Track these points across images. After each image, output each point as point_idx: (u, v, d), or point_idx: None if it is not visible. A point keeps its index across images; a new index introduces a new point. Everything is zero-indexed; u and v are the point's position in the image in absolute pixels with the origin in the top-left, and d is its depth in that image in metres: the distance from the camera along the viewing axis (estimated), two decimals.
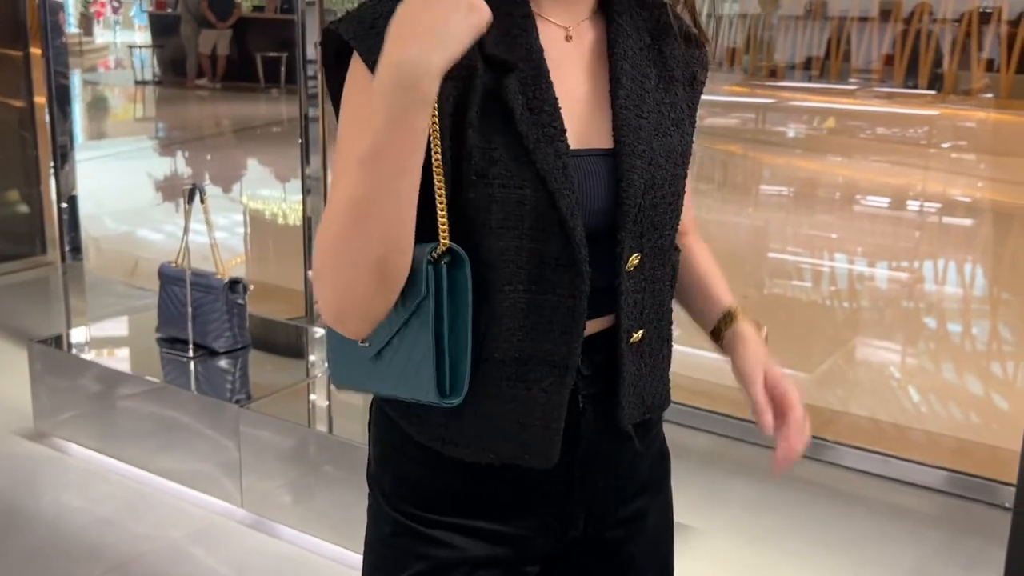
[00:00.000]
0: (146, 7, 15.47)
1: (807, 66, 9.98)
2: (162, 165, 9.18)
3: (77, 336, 3.72)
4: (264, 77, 12.98)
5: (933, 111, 8.86)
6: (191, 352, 3.19)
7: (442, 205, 1.00)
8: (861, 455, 3.26)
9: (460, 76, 0.99)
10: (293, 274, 4.35)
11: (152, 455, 3.09)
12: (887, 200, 7.11)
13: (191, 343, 3.19)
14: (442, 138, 0.99)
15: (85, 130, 10.58)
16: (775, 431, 1.14)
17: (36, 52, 5.32)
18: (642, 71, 1.10)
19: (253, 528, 2.87)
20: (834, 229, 6.49)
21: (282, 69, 12.31)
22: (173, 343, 3.26)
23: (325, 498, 2.76)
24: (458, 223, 1.01)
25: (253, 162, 9.42)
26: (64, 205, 5.37)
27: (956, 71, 8.72)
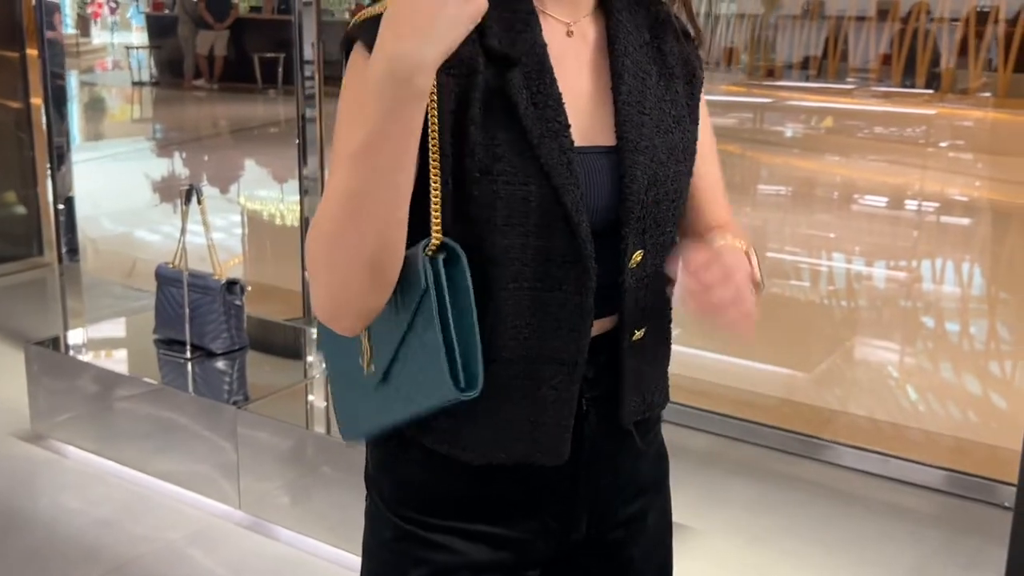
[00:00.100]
0: (143, 8, 15.48)
1: (805, 65, 9.99)
2: (159, 166, 9.17)
3: (74, 338, 3.71)
4: (261, 78, 13.00)
5: (931, 110, 8.87)
6: (188, 353, 3.18)
7: (436, 201, 0.99)
8: (860, 455, 3.25)
9: (462, 72, 0.99)
10: (290, 275, 4.35)
11: (149, 457, 3.09)
12: (885, 199, 7.11)
13: (188, 344, 3.19)
14: (441, 133, 0.99)
15: (82, 131, 10.57)
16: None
17: (32, 53, 5.32)
18: (643, 67, 1.10)
19: (251, 530, 2.86)
20: (832, 228, 6.49)
21: (279, 70, 12.32)
22: (170, 344, 3.25)
23: (323, 499, 2.75)
24: (461, 220, 1.00)
25: (250, 163, 9.41)
26: (61, 206, 5.38)
27: (954, 70, 8.73)
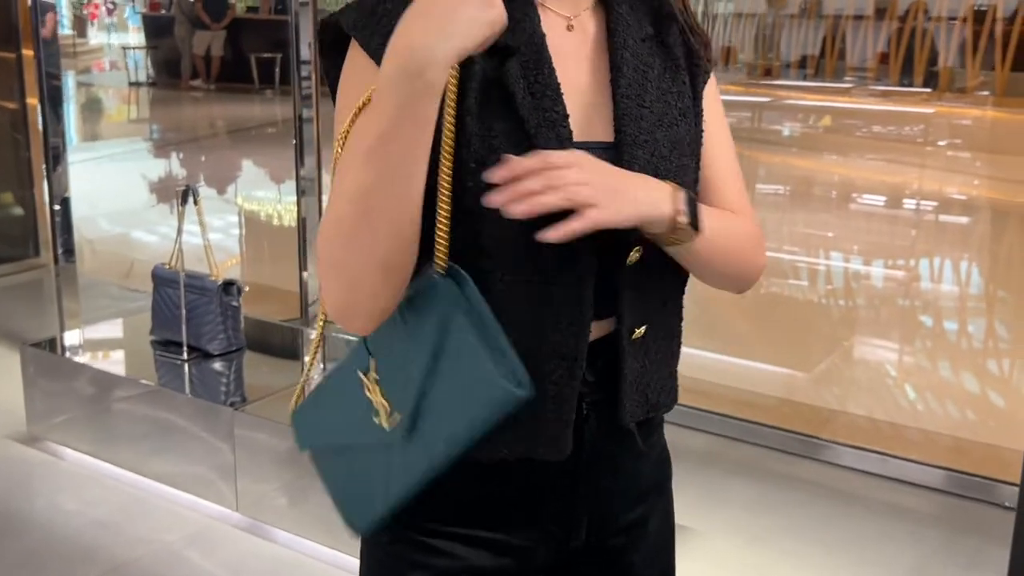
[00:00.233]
0: (140, 8, 15.45)
1: (803, 64, 10.00)
2: (156, 166, 9.16)
3: (70, 339, 3.70)
4: (258, 78, 12.98)
5: (928, 109, 8.88)
6: (185, 355, 3.17)
7: (444, 228, 0.97)
8: (859, 454, 3.25)
9: (458, 63, 0.98)
10: (288, 275, 4.34)
11: (146, 458, 3.07)
12: (883, 198, 7.11)
13: (185, 345, 3.18)
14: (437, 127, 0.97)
15: (79, 132, 10.56)
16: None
17: (28, 54, 5.31)
18: (644, 61, 1.09)
19: (248, 531, 2.85)
20: (830, 227, 6.48)
21: (276, 70, 12.30)
22: (167, 346, 3.24)
23: (320, 501, 2.73)
24: (457, 212, 0.99)
25: (247, 163, 9.40)
26: (57, 207, 5.36)
27: (951, 69, 8.74)
